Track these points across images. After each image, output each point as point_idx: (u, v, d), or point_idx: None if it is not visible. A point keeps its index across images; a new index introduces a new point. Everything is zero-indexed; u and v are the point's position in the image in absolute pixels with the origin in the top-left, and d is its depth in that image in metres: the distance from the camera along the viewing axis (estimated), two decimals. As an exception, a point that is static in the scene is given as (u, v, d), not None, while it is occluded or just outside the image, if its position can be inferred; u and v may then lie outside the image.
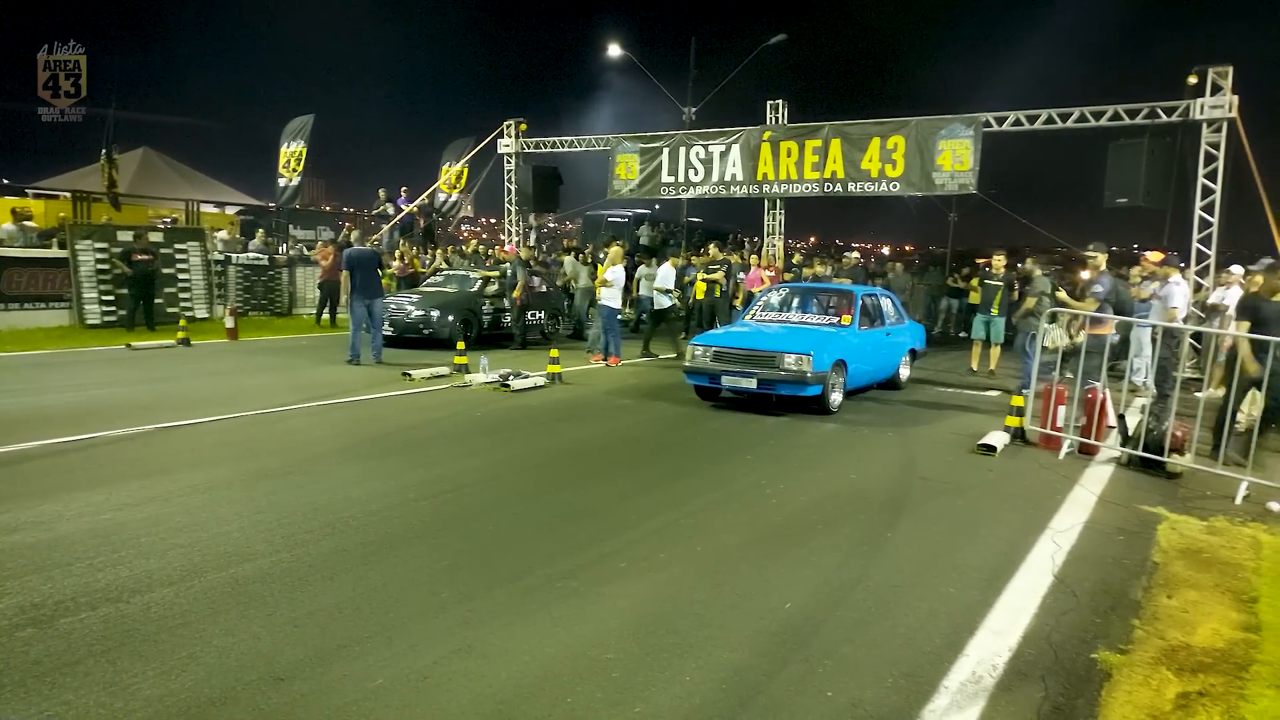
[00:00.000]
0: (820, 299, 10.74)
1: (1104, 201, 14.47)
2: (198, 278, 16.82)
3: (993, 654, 3.53)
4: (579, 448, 7.39)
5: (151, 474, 5.79)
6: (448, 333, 13.46)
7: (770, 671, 3.32)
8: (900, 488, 6.26)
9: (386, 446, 7.06)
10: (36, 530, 4.58)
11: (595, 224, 29.30)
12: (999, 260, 12.90)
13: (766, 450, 7.33)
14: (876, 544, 4.92)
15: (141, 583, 3.93)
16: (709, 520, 5.27)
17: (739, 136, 17.83)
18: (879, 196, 16.92)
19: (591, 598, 3.98)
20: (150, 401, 8.42)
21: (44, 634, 3.39)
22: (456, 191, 22.92)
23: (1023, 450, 7.59)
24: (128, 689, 3.00)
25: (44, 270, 14.70)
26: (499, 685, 3.14)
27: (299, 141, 20.51)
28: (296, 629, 3.54)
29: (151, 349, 12.70)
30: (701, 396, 9.53)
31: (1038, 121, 15.08)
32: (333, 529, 4.79)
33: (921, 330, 12.05)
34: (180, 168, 26.84)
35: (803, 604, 3.98)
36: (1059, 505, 5.85)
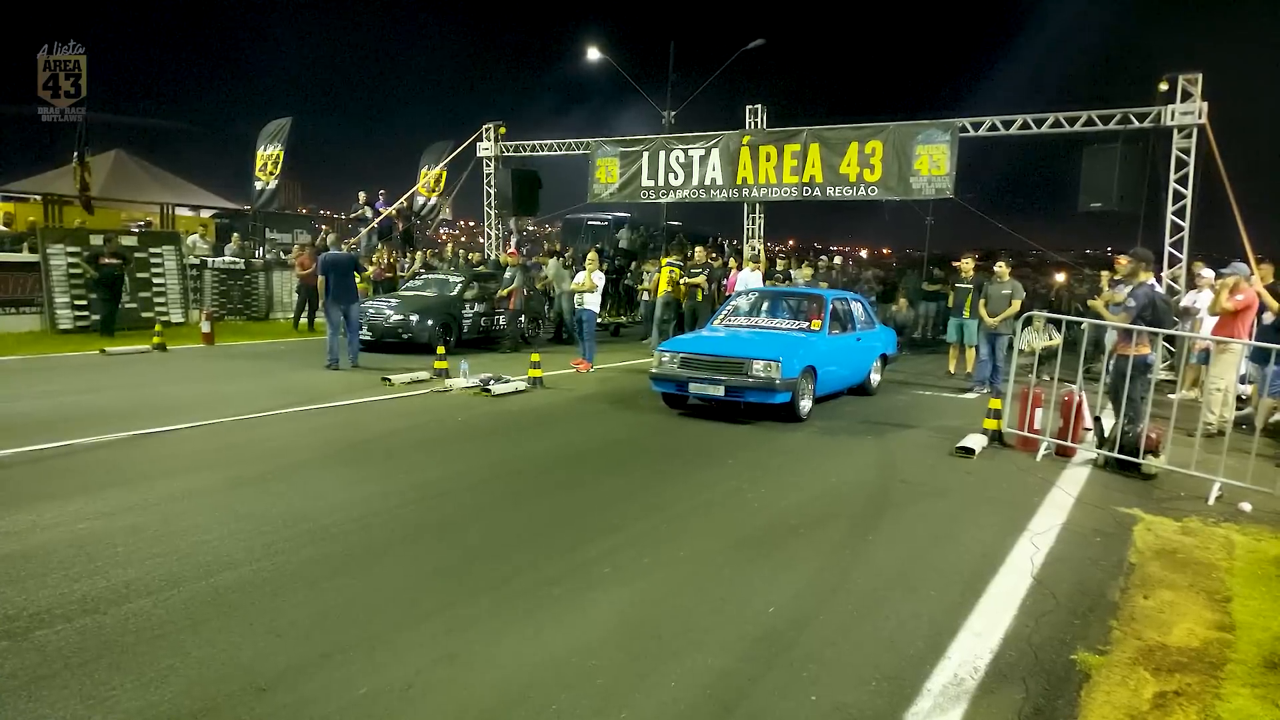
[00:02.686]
0: (789, 304, 10.68)
1: (1078, 206, 14.67)
2: (173, 282, 16.63)
3: (974, 656, 3.56)
4: (561, 453, 7.38)
5: (128, 482, 5.71)
6: (427, 337, 13.39)
7: (754, 676, 3.33)
8: (880, 491, 6.30)
9: (367, 453, 7.01)
10: (10, 541, 4.51)
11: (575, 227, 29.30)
12: (968, 264, 12.99)
13: (747, 455, 7.35)
14: (858, 547, 4.96)
15: (119, 593, 3.88)
16: (691, 525, 5.28)
17: (718, 141, 17.90)
18: (857, 201, 17.05)
19: (575, 604, 3.97)
20: (126, 408, 8.31)
21: (18, 646, 3.34)
22: (435, 195, 22.84)
23: (1001, 452, 7.66)
24: (106, 701, 2.96)
25: (14, 275, 14.47)
26: (483, 694, 3.12)
27: (276, 144, 20.36)
28: (278, 638, 3.50)
29: (126, 354, 12.53)
30: (669, 404, 9.32)
31: (1013, 127, 15.28)
32: (313, 536, 4.75)
33: (893, 335, 12.04)
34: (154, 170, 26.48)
35: (786, 608, 4.00)
36: (1037, 507, 5.92)
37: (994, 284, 11.27)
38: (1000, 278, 11.26)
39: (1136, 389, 7.13)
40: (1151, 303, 7.27)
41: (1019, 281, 11.61)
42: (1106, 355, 8.01)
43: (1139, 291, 7.40)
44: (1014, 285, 11.20)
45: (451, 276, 15.72)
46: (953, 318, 13.02)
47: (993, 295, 11.14)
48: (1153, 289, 7.53)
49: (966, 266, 12.90)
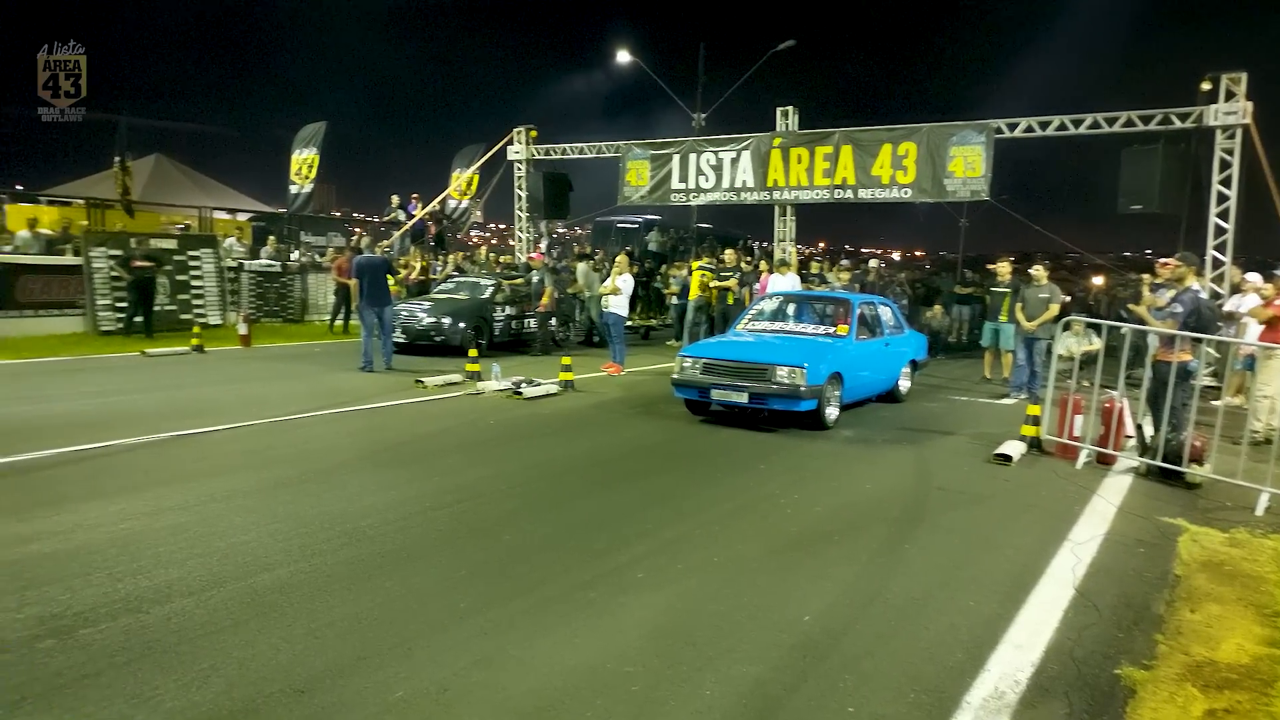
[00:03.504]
0: (816, 308, 10.54)
1: (1118, 208, 14.40)
2: (211, 284, 16.91)
3: (1015, 669, 3.49)
4: (593, 457, 7.39)
5: (168, 482, 5.81)
6: (459, 339, 13.48)
7: (790, 685, 3.29)
8: (916, 498, 6.22)
9: (402, 455, 7.07)
10: (55, 540, 4.60)
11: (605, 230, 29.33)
12: (1005, 266, 12.78)
13: (780, 460, 7.30)
14: (894, 555, 4.90)
15: (161, 593, 3.94)
16: (725, 531, 5.25)
17: (749, 143, 17.82)
18: (889, 202, 16.89)
19: (609, 609, 3.97)
20: (166, 409, 8.46)
21: (65, 645, 3.40)
22: (467, 198, 23.00)
23: (1039, 460, 7.54)
24: (150, 701, 3.00)
25: (58, 277, 14.81)
26: (519, 698, 3.13)
27: (311, 149, 20.62)
28: (316, 640, 3.54)
29: (166, 356, 12.77)
30: (691, 411, 9.18)
31: (1050, 128, 15.02)
32: (350, 538, 4.79)
33: (923, 340, 11.84)
34: (193, 174, 26.98)
35: (821, 616, 3.96)
36: (1078, 516, 5.81)
37: (1031, 287, 11.09)
38: (1038, 281, 11.09)
39: (1179, 396, 6.97)
40: (1197, 308, 7.10)
41: (1057, 285, 11.42)
42: (1147, 361, 7.84)
43: (1185, 296, 7.23)
44: (1052, 289, 11.02)
45: (483, 279, 15.82)
46: (988, 322, 12.82)
47: (1030, 299, 10.96)
48: (1198, 294, 7.36)
49: (1003, 269, 12.69)
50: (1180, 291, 7.41)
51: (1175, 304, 7.29)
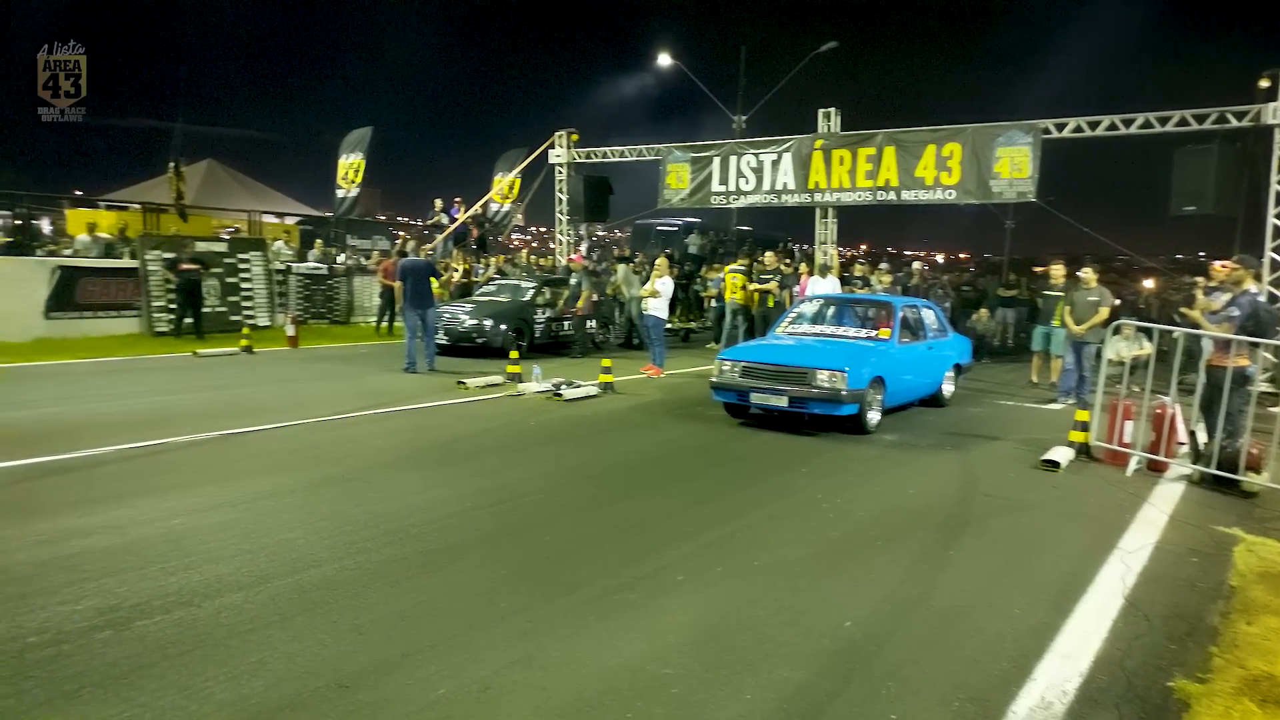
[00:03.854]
0: (857, 311, 10.41)
1: (1171, 209, 14.04)
2: (260, 286, 17.28)
3: (1062, 679, 3.42)
4: (633, 458, 7.40)
5: (218, 480, 5.95)
6: (500, 341, 13.60)
7: (832, 692, 3.27)
8: (961, 504, 6.13)
9: (444, 455, 7.16)
10: (111, 534, 4.74)
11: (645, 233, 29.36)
12: (1059, 269, 12.51)
13: (821, 464, 7.25)
14: (939, 561, 4.83)
15: (212, 587, 4.04)
16: (766, 534, 5.23)
17: (791, 145, 17.71)
18: (933, 204, 16.67)
19: (649, 611, 3.97)
20: (216, 408, 8.67)
21: (121, 636, 3.50)
22: (509, 201, 23.19)
23: (1088, 466, 7.37)
24: (200, 693, 3.08)
25: (116, 280, 15.26)
26: (559, 698, 3.14)
27: (358, 153, 20.97)
28: (360, 636, 3.59)
29: (216, 356, 13.08)
30: (730, 414, 9.12)
31: (1099, 128, 14.70)
32: (394, 537, 4.86)
33: (968, 343, 11.61)
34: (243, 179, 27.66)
35: (864, 622, 3.92)
36: (1128, 524, 5.67)
37: (1080, 290, 10.85)
38: (1087, 284, 10.84)
39: (1235, 402, 6.77)
40: (1255, 311, 6.89)
41: (1106, 288, 11.17)
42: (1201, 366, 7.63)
43: (1242, 300, 7.03)
44: (1101, 292, 10.77)
45: (524, 282, 15.94)
46: (1039, 326, 12.56)
47: (1079, 302, 10.73)
48: (1256, 297, 7.15)
49: (1057, 272, 12.39)
50: (1237, 294, 7.21)
51: (1232, 307, 7.09)
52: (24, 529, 4.75)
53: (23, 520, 4.91)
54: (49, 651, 3.35)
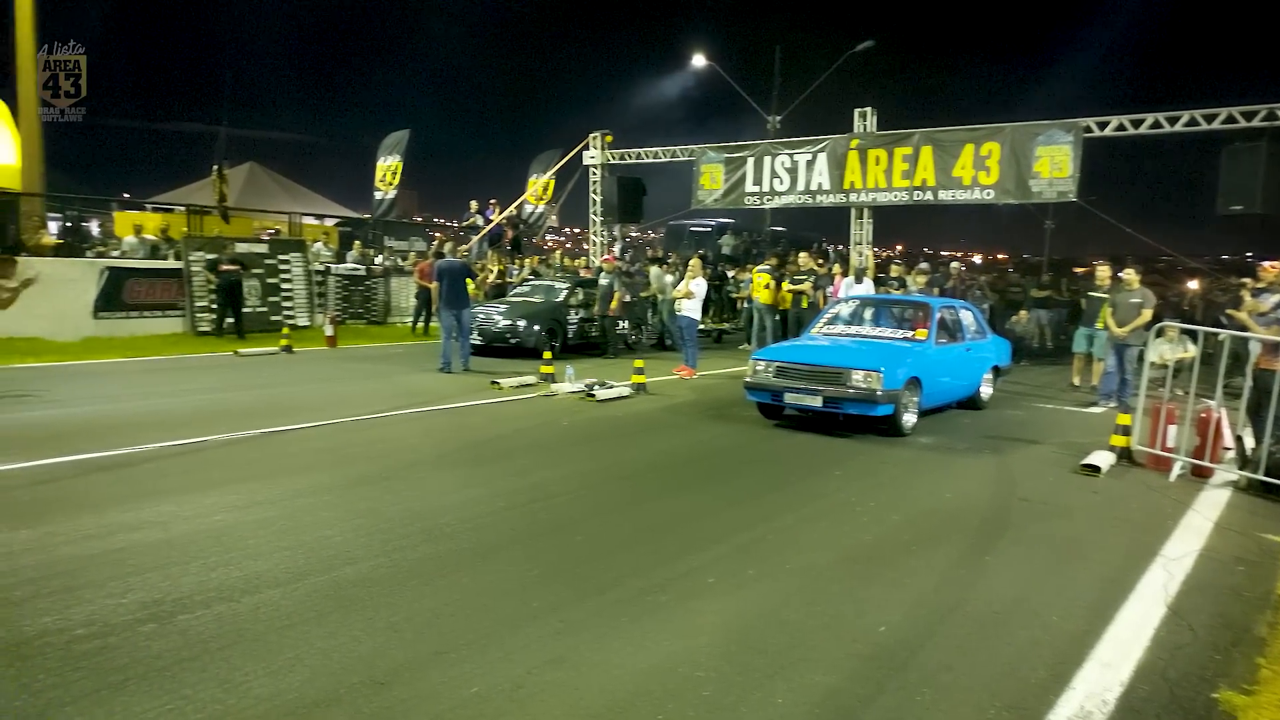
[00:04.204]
0: (893, 311, 10.29)
1: (1217, 208, 13.71)
2: (299, 287, 17.56)
3: (1102, 688, 3.36)
4: (665, 459, 7.40)
5: (258, 477, 6.06)
6: (534, 342, 13.69)
7: (865, 697, 3.24)
8: (998, 508, 6.04)
9: (478, 454, 7.22)
10: (156, 529, 4.85)
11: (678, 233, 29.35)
12: (1105, 270, 12.18)
13: (855, 466, 7.19)
14: (975, 566, 4.76)
15: (251, 583, 4.12)
16: (798, 536, 5.20)
17: (826, 145, 17.60)
18: (971, 204, 16.45)
19: (681, 612, 3.97)
20: (256, 407, 8.83)
21: (164, 629, 3.58)
22: (543, 203, 23.33)
23: (1130, 471, 7.22)
24: (240, 687, 3.14)
25: (161, 280, 15.61)
26: (591, 699, 3.15)
27: (395, 156, 21.22)
28: (395, 634, 3.64)
29: (257, 356, 13.32)
30: (764, 414, 9.08)
31: (1143, 126, 14.40)
32: (428, 535, 4.91)
33: (1006, 345, 11.43)
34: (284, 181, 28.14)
35: (898, 627, 3.88)
36: (1171, 531, 5.54)
37: (1122, 292, 10.64)
38: (1129, 285, 10.62)
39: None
40: None
41: (1149, 290, 10.93)
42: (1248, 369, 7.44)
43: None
44: (1144, 293, 10.55)
45: (557, 283, 16.01)
46: (1082, 327, 12.31)
47: (1121, 304, 10.51)
48: None
49: (1103, 274, 12.05)
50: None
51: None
52: (73, 523, 4.89)
53: (72, 515, 5.04)
54: (96, 644, 3.44)
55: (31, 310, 13.75)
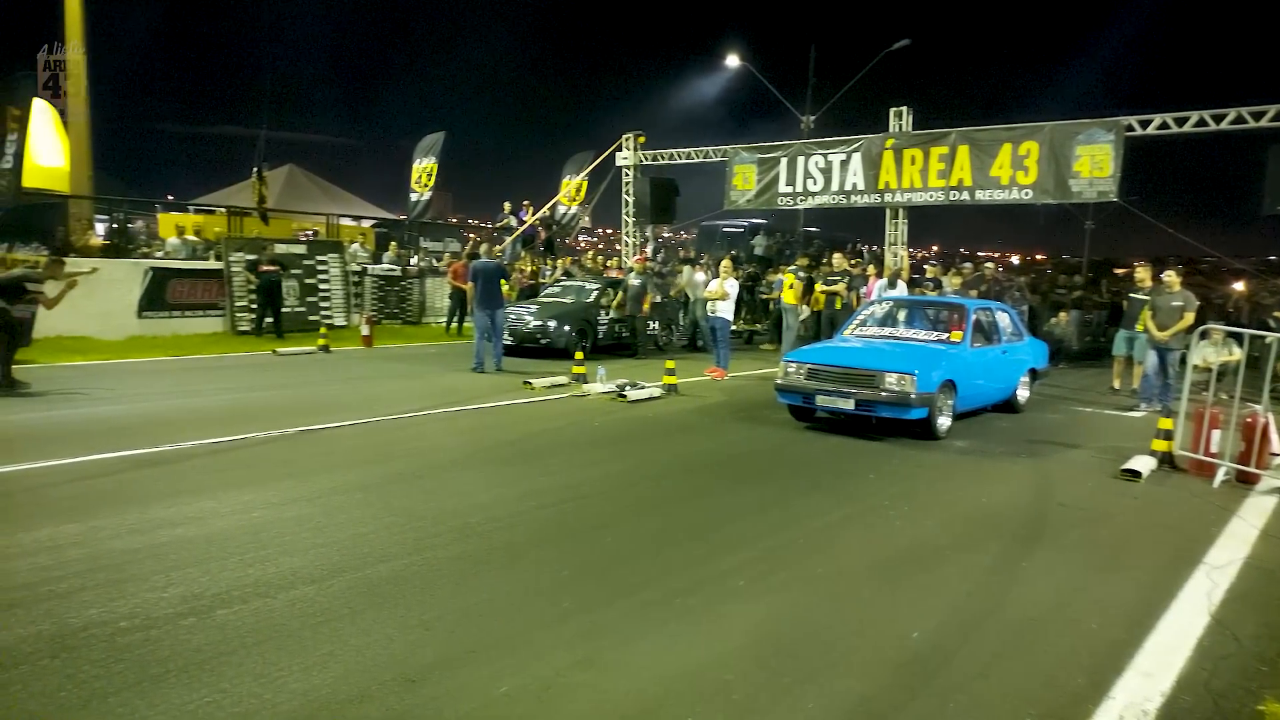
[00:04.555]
0: (928, 313, 10.16)
1: (1263, 208, 13.37)
2: (337, 287, 17.81)
3: (1142, 698, 3.29)
4: (696, 461, 7.38)
5: (295, 475, 6.16)
6: (564, 342, 13.76)
7: (897, 704, 3.21)
8: (1035, 513, 5.95)
9: (510, 454, 7.27)
10: (195, 525, 4.95)
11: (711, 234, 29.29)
12: (1144, 271, 11.86)
13: (888, 470, 7.11)
14: (1010, 573, 4.69)
15: (286, 579, 4.18)
16: (830, 541, 5.16)
17: (860, 145, 17.44)
18: (1009, 204, 16.20)
19: (710, 616, 3.96)
20: (294, 405, 8.98)
21: (203, 624, 3.65)
22: (576, 204, 23.40)
23: (1171, 477, 7.07)
24: (275, 681, 3.19)
25: (202, 280, 15.93)
26: (619, 700, 3.16)
27: (430, 157, 21.42)
28: (427, 632, 3.67)
29: (294, 355, 13.54)
30: (795, 417, 9.01)
31: (1187, 124, 14.07)
32: (460, 534, 4.96)
33: (1044, 348, 11.22)
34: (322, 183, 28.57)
35: (931, 633, 3.83)
36: (1215, 538, 5.41)
37: (1163, 294, 10.40)
38: (1170, 288, 10.38)
39: None
40: None
41: (1191, 292, 10.68)
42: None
43: None
44: (1186, 296, 10.30)
45: (588, 283, 16.04)
46: (1123, 330, 12.03)
47: (1161, 307, 10.28)
48: None
49: (1143, 275, 11.73)
50: None
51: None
52: (119, 518, 5.01)
53: (118, 510, 5.17)
54: (138, 636, 3.52)
55: (79, 309, 14.08)
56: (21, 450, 6.58)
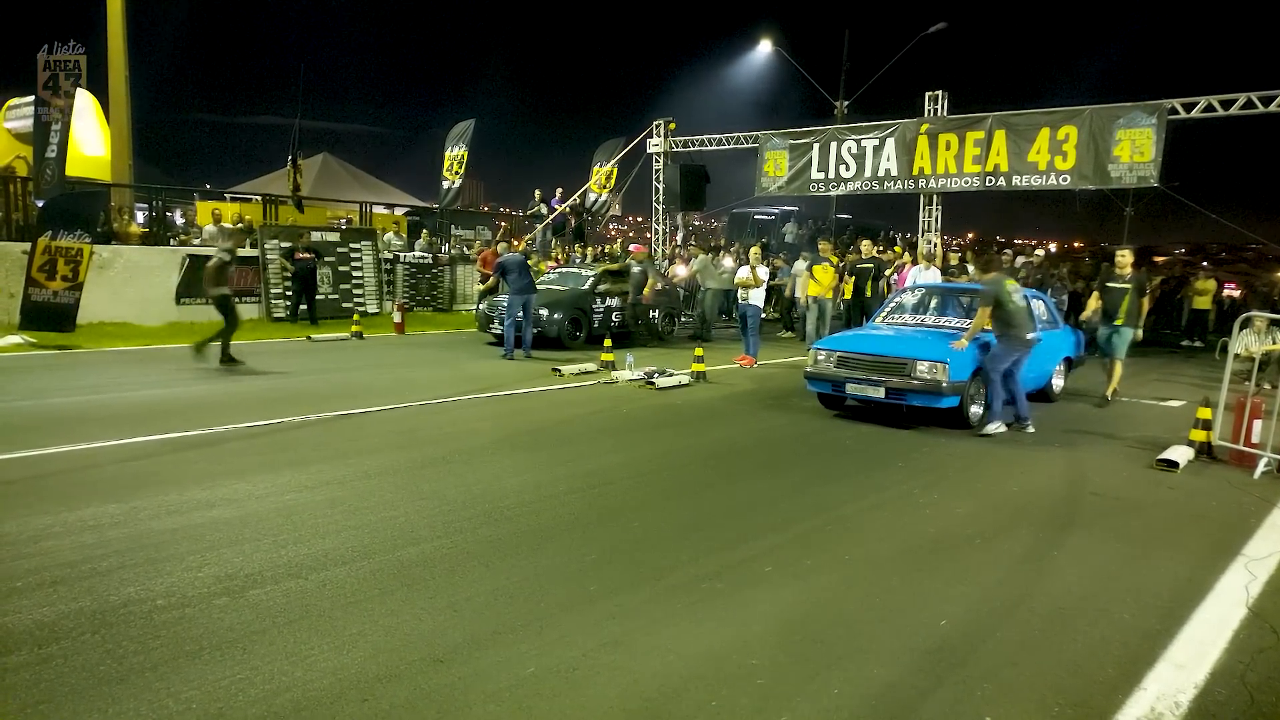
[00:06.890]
0: (961, 301, 10.03)
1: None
2: (370, 275, 18.01)
3: (1175, 690, 3.24)
4: (723, 448, 7.38)
5: (328, 458, 6.26)
6: (556, 331, 13.42)
7: (924, 690, 3.19)
8: (1067, 503, 5.86)
9: (538, 440, 7.31)
10: (231, 507, 5.06)
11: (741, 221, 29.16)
12: (1124, 258, 10.18)
13: (919, 458, 7.05)
14: (1041, 562, 4.64)
15: (318, 560, 4.26)
16: (858, 528, 5.13)
17: (894, 130, 17.24)
18: (1046, 190, 15.92)
19: (736, 600, 3.96)
20: (328, 390, 9.11)
21: (236, 603, 3.73)
22: (606, 191, 23.39)
23: (1210, 467, 6.93)
24: (306, 660, 3.25)
25: (238, 268, 16.14)
26: (645, 682, 3.18)
27: (461, 145, 21.53)
28: (455, 613, 3.72)
29: (329, 341, 13.72)
30: (825, 405, 8.98)
31: (1234, 107, 13.71)
32: (489, 517, 5.01)
33: (1079, 336, 10.99)
34: (355, 172, 28.80)
35: (959, 621, 3.80)
36: (1254, 530, 5.30)
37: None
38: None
39: None
40: None
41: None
42: None
43: None
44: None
45: (584, 271, 15.45)
46: (1102, 326, 10.22)
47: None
48: None
49: (1123, 261, 10.12)
50: None
51: None
52: (157, 499, 5.13)
53: (157, 491, 5.29)
54: (174, 614, 3.60)
55: (120, 296, 14.42)
56: (71, 432, 6.75)
